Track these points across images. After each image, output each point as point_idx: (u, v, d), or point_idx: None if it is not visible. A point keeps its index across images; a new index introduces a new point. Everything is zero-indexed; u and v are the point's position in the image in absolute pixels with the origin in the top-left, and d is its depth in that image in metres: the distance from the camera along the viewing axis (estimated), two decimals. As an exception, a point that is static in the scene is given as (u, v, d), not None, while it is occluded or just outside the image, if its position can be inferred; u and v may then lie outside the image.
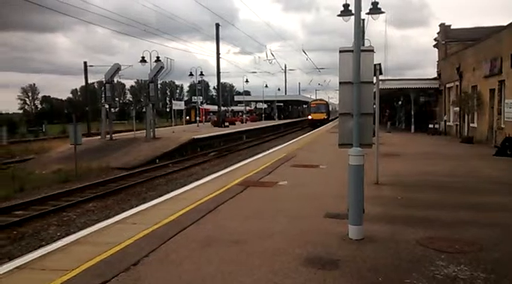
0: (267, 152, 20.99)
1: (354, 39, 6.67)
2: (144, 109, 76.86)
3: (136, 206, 10.01)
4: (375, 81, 8.95)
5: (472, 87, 25.62)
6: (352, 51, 6.60)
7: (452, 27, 36.71)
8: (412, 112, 36.21)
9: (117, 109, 37.31)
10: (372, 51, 6.81)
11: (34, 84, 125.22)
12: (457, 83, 28.45)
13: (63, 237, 9.91)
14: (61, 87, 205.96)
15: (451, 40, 35.18)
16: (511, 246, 5.93)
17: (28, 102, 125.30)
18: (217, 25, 47.55)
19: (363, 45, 21.43)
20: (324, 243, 6.23)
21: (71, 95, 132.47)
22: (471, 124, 26.06)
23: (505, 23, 21.62)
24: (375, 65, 7.93)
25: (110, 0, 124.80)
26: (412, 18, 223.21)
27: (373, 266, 5.34)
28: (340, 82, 6.68)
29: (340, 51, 6.81)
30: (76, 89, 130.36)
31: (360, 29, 6.84)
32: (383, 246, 6.08)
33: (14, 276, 5.16)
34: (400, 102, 45.18)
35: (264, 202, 9.20)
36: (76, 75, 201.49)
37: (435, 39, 39.49)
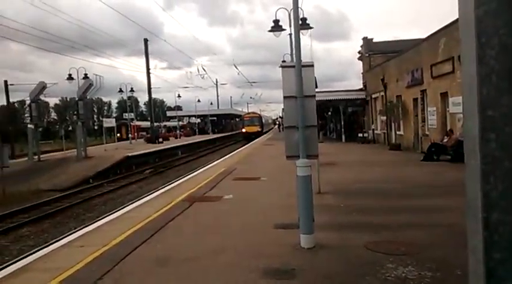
0: (206, 167, 20.95)
1: (295, 55, 6.96)
2: (71, 128, 73.86)
3: (80, 228, 9.67)
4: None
5: (397, 97, 27.09)
6: (293, 66, 6.87)
7: (374, 40, 38.59)
8: (342, 123, 37.64)
9: (41, 129, 35.48)
10: (312, 65, 7.08)
11: None
12: (382, 93, 29.97)
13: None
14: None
15: (374, 52, 36.95)
16: (451, 245, 6.36)
17: None
18: (146, 40, 47.03)
19: (291, 60, 22.09)
20: (278, 254, 6.37)
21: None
22: (398, 132, 27.50)
23: (421, 35, 23.18)
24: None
25: (24, 13, 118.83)
26: (334, 32, 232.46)
27: (328, 273, 5.54)
28: (284, 97, 6.91)
29: (283, 67, 7.07)
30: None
31: (299, 45, 7.11)
32: (334, 253, 6.32)
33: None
34: (329, 113, 46.75)
35: (212, 217, 9.23)
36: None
37: (359, 52, 41.34)
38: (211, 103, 79.81)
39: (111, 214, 10.76)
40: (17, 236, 12.67)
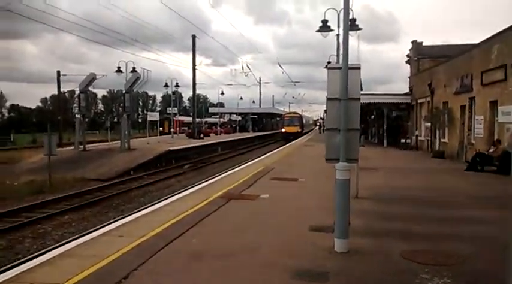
0: (245, 165, 21.08)
1: (343, 57, 6.88)
2: (116, 120, 75.83)
3: (119, 218, 9.93)
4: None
5: (443, 103, 26.38)
6: (339, 68, 6.79)
7: (424, 44, 37.79)
8: (385, 127, 36.97)
9: (88, 119, 36.61)
10: (359, 68, 6.98)
11: (1, 92, 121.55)
12: (429, 99, 29.25)
13: (40, 250, 9.82)
14: (29, 96, 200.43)
15: (423, 56, 36.19)
16: (490, 258, 6.17)
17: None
18: (194, 36, 47.57)
19: (337, 61, 21.85)
20: (312, 256, 6.34)
21: (40, 104, 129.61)
22: (442, 140, 26.78)
23: (473, 40, 22.49)
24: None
25: (77, 6, 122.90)
26: (382, 33, 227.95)
27: (361, 278, 5.48)
28: (327, 98, 6.84)
29: (328, 68, 7.03)
30: (46, 98, 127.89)
31: (347, 47, 7.00)
32: (369, 259, 6.24)
33: (2, 290, 5.09)
34: (372, 117, 46.03)
35: (248, 215, 9.28)
36: (45, 83, 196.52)
37: (407, 55, 40.53)
38: (253, 102, 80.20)
39: (150, 206, 11.00)
40: (60, 223, 13.13)
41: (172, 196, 12.50)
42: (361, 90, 11.42)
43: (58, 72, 50.47)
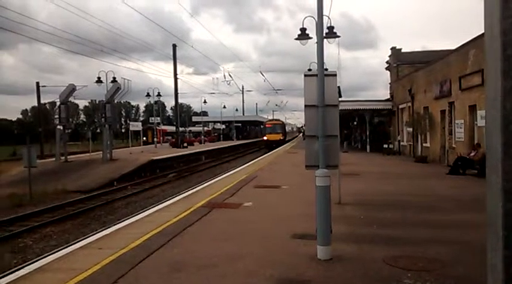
0: (228, 173, 21.01)
1: (318, 64, 6.90)
2: (98, 130, 75.13)
3: (99, 230, 9.79)
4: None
5: (424, 108, 26.68)
6: (316, 75, 6.81)
7: (403, 50, 38.25)
8: (367, 133, 37.26)
9: (69, 130, 35.68)
10: (335, 75, 7.02)
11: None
12: (410, 104, 29.56)
13: (20, 265, 9.61)
14: (8, 108, 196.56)
15: (402, 63, 36.64)
16: (472, 262, 6.20)
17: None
18: (174, 45, 47.58)
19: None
20: (294, 264, 6.30)
21: (20, 116, 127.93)
22: (424, 144, 27.05)
23: (450, 46, 22.81)
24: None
25: (55, 17, 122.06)
26: (361, 41, 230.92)
27: (343, 285, 5.46)
28: (305, 106, 6.85)
29: (305, 76, 7.02)
30: (26, 110, 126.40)
31: (322, 55, 7.03)
32: (351, 266, 6.22)
33: (-23, 308, 4.95)
34: (355, 123, 46.35)
35: (231, 224, 9.22)
36: (24, 95, 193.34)
37: (387, 62, 40.98)
38: (237, 110, 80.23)
39: (132, 217, 10.87)
40: (41, 236, 12.91)
41: (155, 206, 12.37)
42: (340, 96, 11.48)
43: (37, 83, 49.90)
